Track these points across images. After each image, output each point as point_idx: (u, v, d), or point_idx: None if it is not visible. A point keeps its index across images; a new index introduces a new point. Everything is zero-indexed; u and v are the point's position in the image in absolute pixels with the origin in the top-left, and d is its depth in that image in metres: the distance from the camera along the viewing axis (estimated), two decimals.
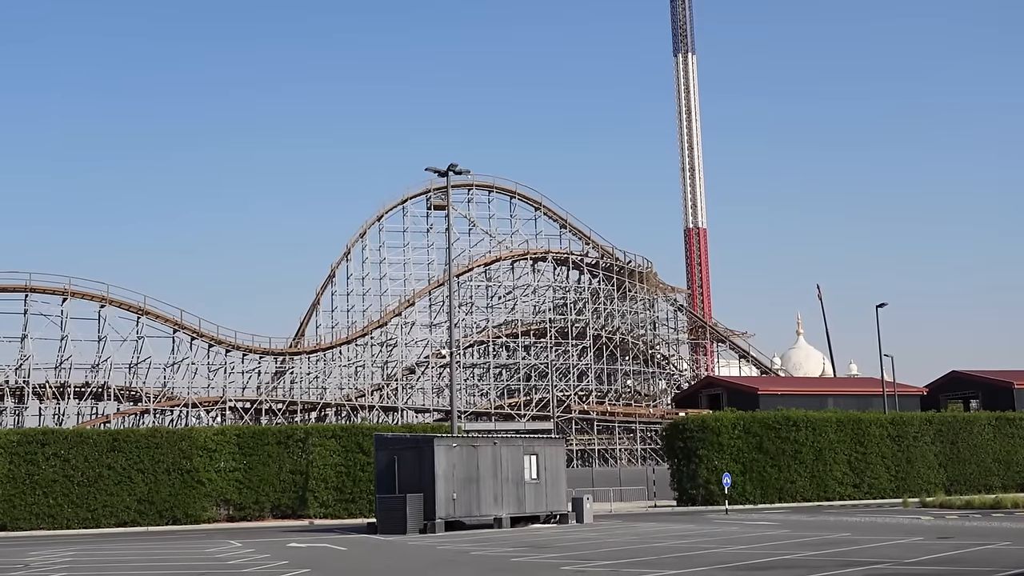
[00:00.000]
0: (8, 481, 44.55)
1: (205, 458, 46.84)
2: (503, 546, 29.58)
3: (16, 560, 28.49)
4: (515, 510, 39.50)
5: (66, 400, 72.93)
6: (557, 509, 41.28)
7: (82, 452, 45.72)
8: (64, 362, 72.92)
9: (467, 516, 38.13)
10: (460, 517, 37.86)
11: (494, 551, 27.96)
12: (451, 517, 37.42)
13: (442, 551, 28.58)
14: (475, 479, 38.45)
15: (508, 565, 24.09)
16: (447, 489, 37.33)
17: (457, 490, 37.71)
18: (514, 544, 30.22)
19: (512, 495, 39.56)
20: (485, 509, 38.64)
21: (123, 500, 45.59)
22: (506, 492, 39.35)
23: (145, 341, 75.30)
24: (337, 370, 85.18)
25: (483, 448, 39.23)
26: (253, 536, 37.49)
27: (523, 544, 30.12)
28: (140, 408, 74.86)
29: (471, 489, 38.30)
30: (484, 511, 38.61)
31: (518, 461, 40.06)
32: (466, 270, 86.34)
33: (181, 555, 29.47)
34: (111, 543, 36.00)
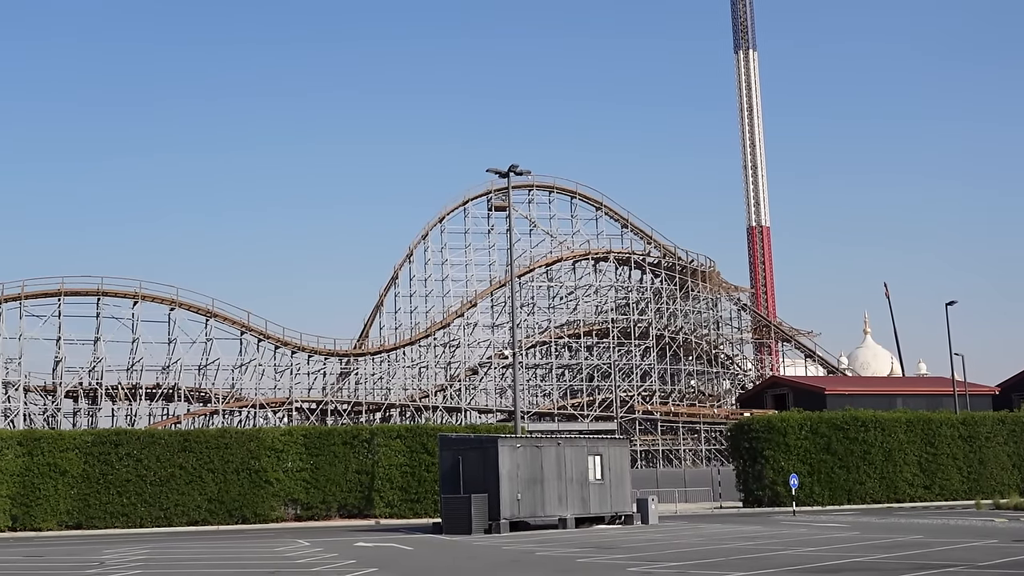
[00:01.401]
0: (83, 481, 45.40)
1: (273, 458, 47.32)
2: (568, 547, 29.55)
3: (92, 558, 29.03)
4: (580, 511, 39.43)
5: (138, 401, 74.16)
6: (622, 510, 41.13)
7: (154, 452, 46.43)
8: (135, 364, 74.16)
9: (531, 516, 38.13)
10: (525, 517, 37.87)
11: (559, 552, 27.95)
12: (516, 517, 37.44)
13: (507, 551, 28.61)
14: (539, 479, 38.43)
15: (574, 566, 24.07)
16: (511, 489, 37.36)
17: (521, 490, 37.71)
18: (579, 545, 30.18)
19: (576, 496, 39.50)
20: (550, 510, 38.61)
21: (194, 499, 46.20)
22: (570, 493, 39.29)
23: (213, 343, 76.42)
24: (401, 371, 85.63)
25: (547, 448, 39.21)
26: (320, 535, 37.82)
27: (588, 545, 30.07)
28: (209, 409, 75.90)
29: (535, 489, 38.28)
30: (549, 512, 38.58)
31: (582, 461, 39.98)
32: (527, 271, 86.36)
33: (251, 554, 29.80)
34: (183, 541, 36.52)
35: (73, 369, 73.28)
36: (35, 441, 46.22)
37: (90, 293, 73.22)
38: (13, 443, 45.64)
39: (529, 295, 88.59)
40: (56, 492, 45.14)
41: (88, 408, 74.01)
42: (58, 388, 72.55)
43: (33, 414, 72.47)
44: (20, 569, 26.50)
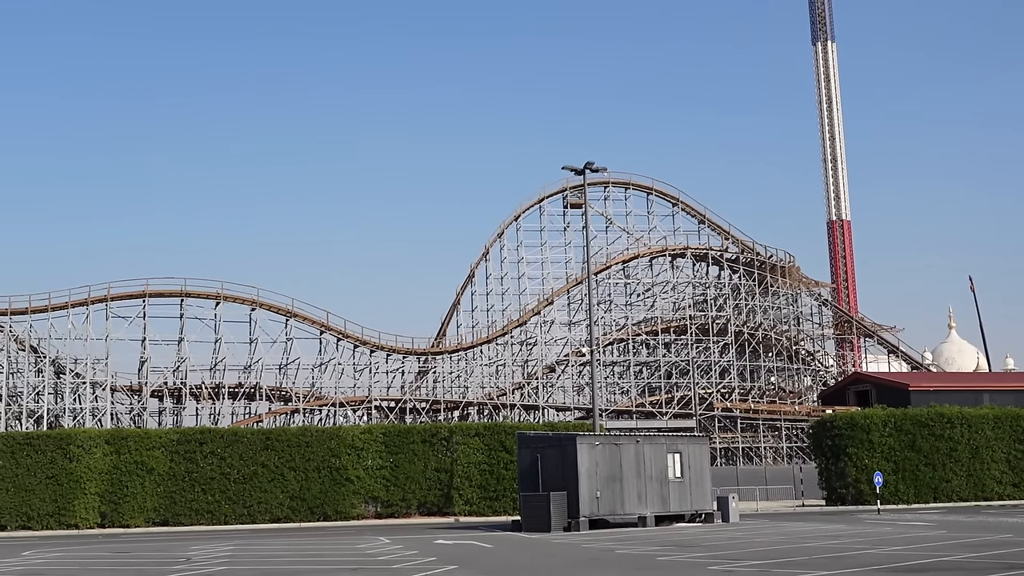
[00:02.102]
0: (169, 478, 46.31)
1: (353, 456, 47.77)
2: (648, 545, 29.43)
3: (178, 555, 29.58)
4: (659, 509, 39.23)
5: (221, 400, 75.41)
6: (702, 508, 40.84)
7: (237, 450, 47.17)
8: (218, 364, 75.39)
9: (611, 514, 38.03)
10: (604, 515, 37.78)
11: (639, 550, 27.83)
12: (595, 515, 37.37)
13: (587, 549, 28.57)
14: (618, 477, 38.32)
15: (654, 564, 23.95)
16: (590, 487, 37.29)
17: (600, 488, 37.63)
18: (659, 543, 30.03)
19: (656, 493, 39.30)
20: (629, 507, 38.48)
21: (276, 497, 46.83)
22: (650, 490, 39.11)
23: (293, 343, 77.33)
24: (478, 369, 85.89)
25: (626, 446, 39.08)
26: (401, 533, 38.10)
27: (668, 543, 29.90)
28: (290, 408, 76.89)
29: (614, 487, 38.17)
30: (628, 509, 38.45)
31: (661, 459, 39.78)
32: (604, 268, 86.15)
33: (333, 551, 30.14)
34: (266, 538, 37.05)
35: (158, 369, 74.73)
36: (122, 440, 47.28)
37: (174, 294, 74.60)
38: (101, 442, 46.76)
39: (606, 292, 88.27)
40: (143, 490, 46.11)
41: (173, 407, 75.48)
42: (144, 388, 74.03)
43: (120, 413, 74.01)
44: (109, 565, 27.09)
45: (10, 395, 71.41)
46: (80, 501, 45.61)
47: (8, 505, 45.31)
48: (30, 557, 30.37)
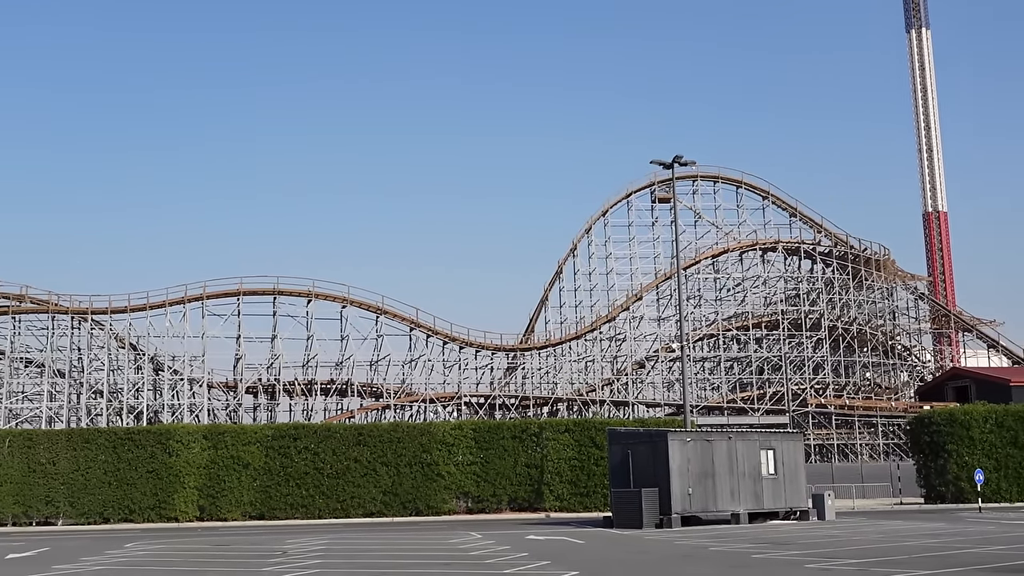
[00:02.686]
0: (264, 473, 47.03)
1: (444, 452, 48.01)
2: (742, 542, 29.14)
3: (274, 548, 30.06)
4: (752, 506, 38.77)
5: (313, 396, 76.53)
6: (796, 505, 40.26)
7: (330, 446, 47.69)
8: (310, 361, 76.54)
9: (703, 511, 37.71)
10: (696, 512, 37.47)
11: (733, 547, 27.57)
12: (687, 512, 37.07)
13: (680, 546, 28.39)
14: (710, 474, 37.96)
15: (749, 561, 23.71)
16: (682, 484, 37.01)
17: (692, 485, 37.31)
18: (753, 540, 29.71)
19: (749, 490, 38.85)
20: (721, 504, 38.09)
21: (369, 492, 47.27)
22: (743, 487, 38.67)
23: (384, 339, 78.19)
24: (567, 365, 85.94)
25: (718, 443, 38.69)
26: (492, 528, 38.21)
27: (763, 540, 29.57)
28: (381, 404, 77.74)
29: (706, 484, 37.82)
30: (720, 506, 38.08)
31: (754, 456, 39.31)
32: (693, 262, 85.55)
33: (426, 545, 30.36)
34: (359, 533, 37.45)
35: (252, 366, 76.16)
36: (219, 435, 48.12)
37: (266, 292, 75.84)
38: (199, 437, 47.66)
39: (695, 287, 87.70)
40: (239, 484, 46.89)
41: (267, 403, 76.84)
42: (239, 384, 75.46)
43: (216, 409, 75.61)
44: (209, 558, 27.64)
45: (111, 391, 73.38)
46: (179, 495, 46.56)
47: (111, 499, 46.46)
48: (133, 549, 31.15)
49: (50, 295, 75.50)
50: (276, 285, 75.71)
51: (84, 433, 49.41)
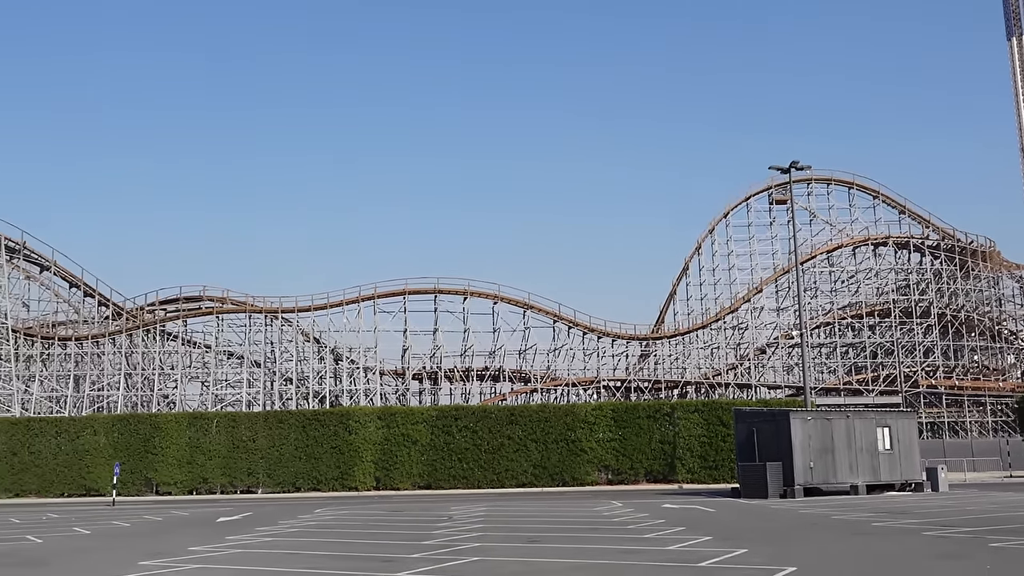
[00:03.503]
0: (430, 449, 47.94)
1: (587, 430, 48.12)
2: (861, 511, 28.32)
3: (442, 513, 30.58)
4: (870, 478, 37.68)
5: (470, 382, 77.43)
6: (911, 478, 38.93)
7: (486, 425, 48.30)
8: (467, 351, 77.41)
9: (824, 483, 36.84)
10: (817, 484, 36.63)
11: (853, 516, 26.82)
12: (809, 484, 36.28)
13: (804, 514, 27.77)
14: (830, 449, 37.05)
15: (870, 529, 23.03)
16: (804, 458, 36.23)
17: (813, 459, 36.48)
18: (872, 510, 28.85)
19: (867, 464, 37.76)
20: (841, 477, 37.15)
21: (521, 465, 47.72)
22: (860, 461, 37.61)
23: (531, 331, 78.53)
24: (695, 352, 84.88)
25: (837, 421, 37.74)
26: (630, 497, 38.08)
27: (881, 510, 28.68)
28: (529, 388, 78.14)
29: (826, 458, 36.93)
30: (840, 478, 37.13)
31: (871, 432, 38.19)
32: (809, 257, 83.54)
33: (573, 512, 30.45)
34: (513, 500, 37.80)
35: (418, 356, 77.42)
36: (391, 416, 49.28)
37: (428, 292, 77.03)
38: (374, 417, 48.89)
39: (812, 280, 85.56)
40: (409, 458, 47.91)
41: (431, 388, 78.00)
42: (406, 371, 76.85)
43: (387, 393, 77.13)
44: (387, 521, 28.26)
45: (299, 379, 75.66)
46: (359, 468, 47.83)
47: (301, 471, 48.04)
48: (322, 514, 32.10)
49: (247, 297, 78.45)
50: (436, 285, 76.95)
51: (278, 415, 51.25)
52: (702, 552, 18.38)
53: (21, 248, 75.85)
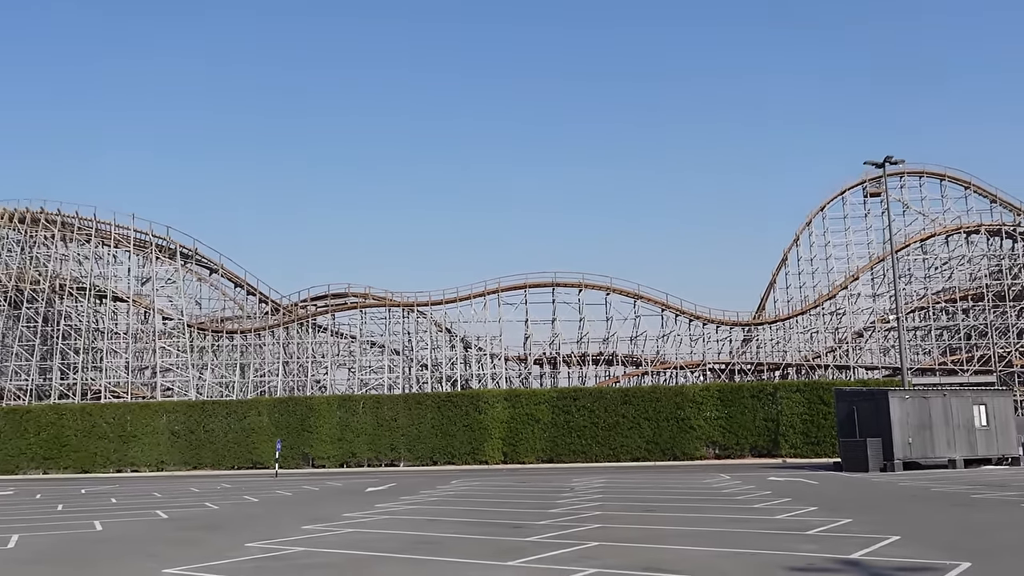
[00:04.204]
0: (552, 426, 48.05)
1: (695, 408, 47.50)
2: (960, 484, 27.16)
3: (564, 484, 30.64)
4: (967, 453, 36.09)
5: (586, 366, 77.33)
6: (1008, 453, 37.12)
7: (602, 404, 48.15)
8: (583, 338, 77.30)
9: (922, 458, 35.47)
10: (915, 459, 35.29)
11: (952, 488, 25.75)
12: (907, 458, 34.99)
13: (903, 487, 26.81)
14: (928, 426, 35.66)
15: (969, 501, 22.09)
16: (903, 434, 34.98)
17: (912, 435, 35.21)
18: (970, 483, 27.64)
19: (963, 440, 36.19)
20: (939, 452, 35.70)
21: (634, 441, 47.41)
22: (958, 437, 36.07)
23: (641, 319, 78.03)
24: (795, 336, 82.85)
25: (934, 399, 36.28)
26: (737, 471, 37.43)
27: (979, 483, 27.45)
28: (640, 371, 77.57)
29: (924, 434, 35.57)
30: (938, 453, 35.69)
31: (967, 410, 36.59)
32: (903, 246, 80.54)
33: (684, 483, 30.12)
34: (628, 473, 37.59)
35: (538, 343, 77.66)
36: (516, 397, 49.58)
37: (546, 285, 77.23)
38: (501, 399, 49.27)
39: (906, 267, 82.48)
40: (533, 435, 48.11)
41: (550, 372, 78.19)
42: (528, 357, 77.20)
43: (511, 377, 77.62)
44: (516, 491, 28.47)
45: (433, 365, 76.85)
46: (488, 443, 48.29)
47: (438, 446, 48.77)
48: (458, 484, 32.54)
49: (386, 293, 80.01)
50: (554, 279, 77.06)
51: (416, 397, 52.09)
52: (808, 521, 17.94)
53: (193, 254, 79.08)
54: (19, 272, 74.82)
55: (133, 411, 52.28)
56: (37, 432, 51.72)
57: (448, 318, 78.37)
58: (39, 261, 75.38)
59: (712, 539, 15.53)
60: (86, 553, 15.84)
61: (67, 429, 51.61)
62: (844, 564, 12.55)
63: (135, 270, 77.70)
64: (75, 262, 76.48)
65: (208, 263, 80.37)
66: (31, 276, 74.36)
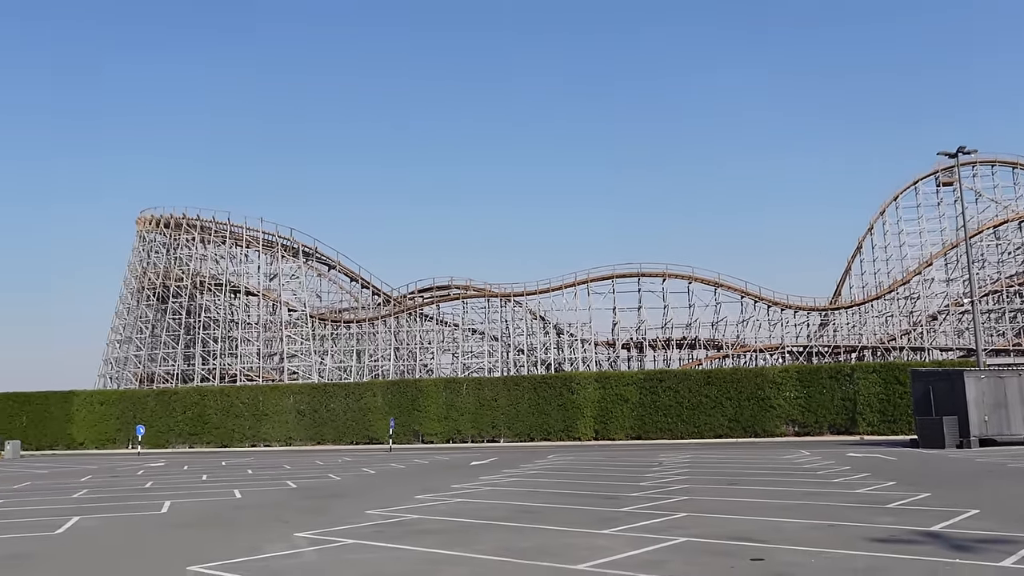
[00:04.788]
0: (639, 406, 47.72)
1: (774, 389, 46.52)
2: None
3: (652, 460, 30.39)
4: None
5: (670, 350, 76.41)
6: None
7: (686, 385, 47.51)
8: (666, 324, 76.41)
9: (998, 435, 33.92)
10: (991, 436, 33.78)
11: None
12: (983, 435, 33.54)
13: (980, 463, 25.69)
14: (1003, 404, 34.10)
15: None
16: (978, 412, 33.55)
17: (987, 413, 33.73)
18: None
19: None
20: (1015, 429, 34.10)
21: (717, 419, 46.71)
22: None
23: (721, 306, 76.66)
24: (870, 320, 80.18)
25: (1009, 379, 34.66)
26: (816, 447, 36.48)
27: None
28: (722, 354, 76.22)
29: (1000, 413, 34.02)
30: (1013, 431, 34.08)
31: None
32: (976, 233, 76.93)
33: (766, 459, 29.51)
34: (712, 450, 37.04)
35: (625, 328, 77.09)
36: (606, 379, 49.38)
37: (632, 275, 76.53)
38: (592, 380, 49.15)
39: (979, 252, 78.86)
40: (622, 414, 47.86)
41: (636, 356, 77.52)
42: (616, 342, 76.71)
43: (600, 361, 77.22)
44: (608, 464, 28.36)
45: (528, 349, 77.09)
46: (580, 421, 48.25)
47: (534, 424, 48.96)
48: (554, 459, 32.59)
49: (485, 285, 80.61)
50: (639, 269, 76.33)
51: (515, 379, 52.39)
52: (888, 495, 17.36)
53: (314, 252, 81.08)
54: (166, 271, 78.02)
55: (264, 393, 54.00)
56: (183, 411, 53.92)
57: (541, 307, 78.42)
58: (182, 261, 78.45)
59: (795, 511, 15.18)
60: (228, 518, 16.45)
61: (208, 409, 53.66)
62: (925, 536, 12.10)
63: (264, 267, 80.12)
64: (213, 261, 79.32)
65: (326, 260, 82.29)
66: (175, 274, 77.46)
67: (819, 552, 10.95)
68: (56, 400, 55.72)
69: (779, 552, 11.02)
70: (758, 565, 10.27)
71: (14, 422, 55.30)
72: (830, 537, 12.17)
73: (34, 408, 55.83)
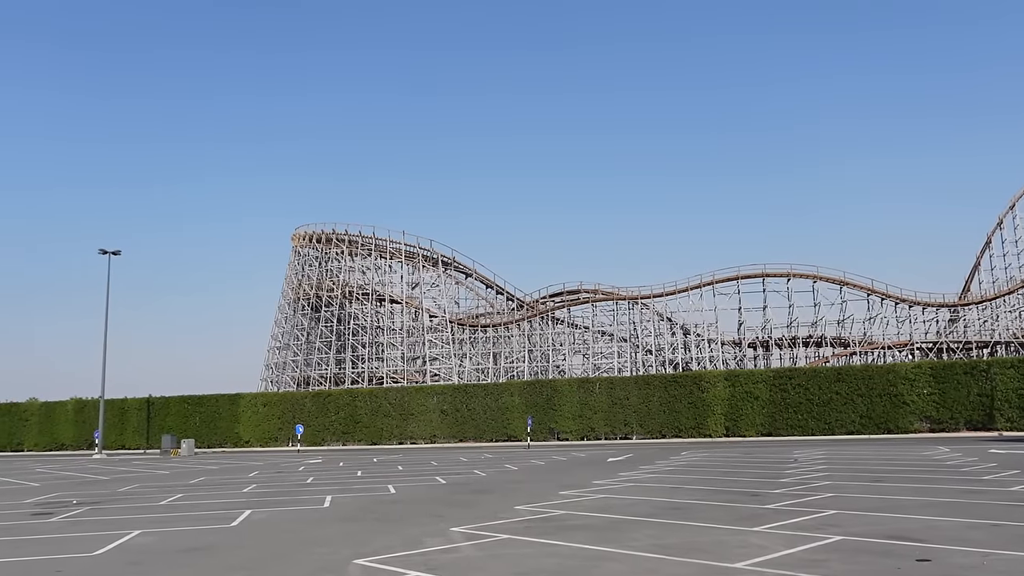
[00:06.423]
0: (769, 403, 45.87)
1: (907, 385, 43.76)
2: None
3: (786, 456, 29.00)
4: None
5: (796, 348, 73.33)
6: None
7: (816, 383, 45.40)
8: (792, 322, 73.42)
9: None
10: None
11: None
12: None
13: None
14: None
15: None
16: None
17: None
18: None
19: None
20: None
21: (848, 416, 44.36)
22: None
23: (847, 303, 72.98)
24: (1003, 315, 74.50)
25: None
26: (953, 444, 33.95)
27: None
28: (849, 351, 72.59)
29: None
30: None
31: None
32: None
33: (904, 455, 27.63)
34: (845, 446, 35.09)
35: (751, 327, 74.63)
36: (735, 377, 47.74)
37: (757, 276, 74.00)
38: (721, 379, 47.62)
39: None
40: (752, 411, 46.13)
41: (763, 354, 74.81)
42: (742, 341, 74.29)
43: (727, 359, 74.98)
44: (744, 461, 27.18)
45: (656, 350, 75.66)
46: (711, 419, 46.80)
47: (665, 421, 47.86)
48: (689, 456, 31.60)
49: (613, 288, 79.68)
50: (764, 270, 73.66)
51: (645, 378, 51.40)
52: None
53: (451, 262, 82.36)
54: (318, 282, 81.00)
55: (410, 393, 55.05)
56: (337, 412, 55.64)
57: (668, 308, 76.90)
58: (332, 273, 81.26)
59: (949, 509, 13.93)
60: (385, 512, 16.55)
61: (359, 409, 55.15)
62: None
63: (406, 277, 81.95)
64: (360, 272, 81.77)
65: (463, 268, 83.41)
66: (327, 285, 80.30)
67: (989, 553, 9.90)
68: (225, 402, 58.54)
69: (945, 553, 10.03)
70: (926, 566, 9.35)
71: (188, 422, 58.48)
72: (994, 538, 11.03)
73: (206, 409, 58.84)
